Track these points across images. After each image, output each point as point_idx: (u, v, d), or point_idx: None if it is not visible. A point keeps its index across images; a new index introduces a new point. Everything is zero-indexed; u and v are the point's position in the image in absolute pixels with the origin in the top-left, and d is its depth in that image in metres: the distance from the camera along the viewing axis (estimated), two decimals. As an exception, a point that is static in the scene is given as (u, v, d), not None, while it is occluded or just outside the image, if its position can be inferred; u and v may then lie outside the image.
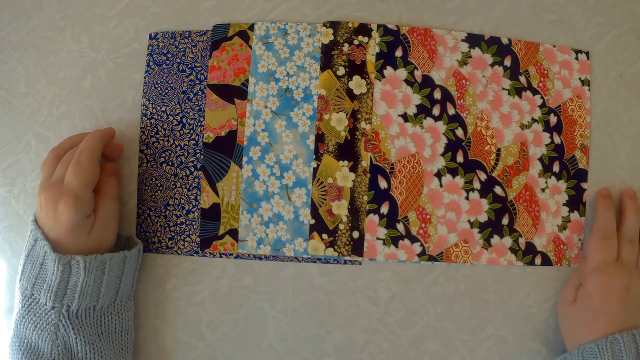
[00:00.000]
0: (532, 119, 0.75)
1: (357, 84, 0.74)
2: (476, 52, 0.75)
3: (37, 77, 0.78)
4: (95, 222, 0.67)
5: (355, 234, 0.72)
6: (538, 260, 0.74)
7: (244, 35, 0.75)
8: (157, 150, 0.75)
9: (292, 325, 0.73)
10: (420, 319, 0.73)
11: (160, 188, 0.75)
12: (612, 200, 0.73)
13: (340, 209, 0.72)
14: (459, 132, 0.74)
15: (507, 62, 0.75)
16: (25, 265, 0.66)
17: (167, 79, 0.76)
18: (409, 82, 0.74)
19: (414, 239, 0.73)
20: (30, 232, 0.66)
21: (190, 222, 0.74)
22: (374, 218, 0.72)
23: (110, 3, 0.78)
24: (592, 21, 0.77)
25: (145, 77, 0.76)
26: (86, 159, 0.66)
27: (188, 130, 0.75)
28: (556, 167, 0.75)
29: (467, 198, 0.73)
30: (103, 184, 0.70)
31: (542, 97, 0.75)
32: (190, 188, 0.74)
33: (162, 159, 0.75)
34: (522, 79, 0.75)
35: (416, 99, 0.74)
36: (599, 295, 0.67)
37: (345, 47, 0.74)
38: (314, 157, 0.73)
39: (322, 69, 0.74)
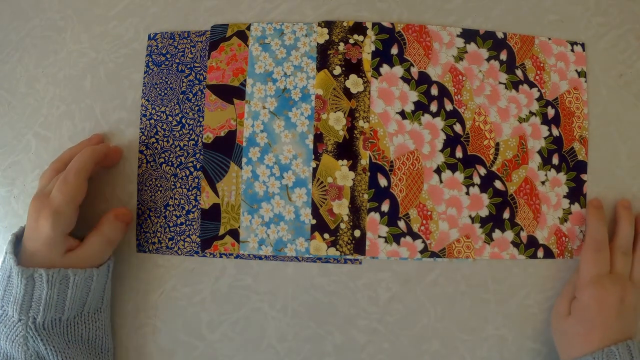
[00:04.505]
0: (530, 112, 0.75)
1: (353, 83, 0.74)
2: (472, 47, 0.75)
3: (37, 77, 0.78)
4: (75, 252, 0.67)
5: (357, 233, 0.72)
6: (540, 253, 0.74)
7: (242, 35, 0.75)
8: (156, 151, 0.75)
9: (292, 325, 0.73)
10: (420, 319, 0.73)
11: (160, 188, 0.75)
12: (604, 212, 0.73)
13: (341, 208, 0.72)
14: (457, 127, 0.74)
15: (503, 56, 0.75)
16: None
17: (167, 80, 0.76)
18: (406, 79, 0.74)
19: (415, 236, 0.72)
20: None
21: (190, 223, 0.74)
22: (375, 216, 0.72)
23: (110, 3, 0.78)
24: (592, 21, 0.77)
25: (144, 78, 0.76)
26: (73, 176, 0.66)
27: (187, 131, 0.75)
28: (555, 160, 0.75)
29: (467, 193, 0.73)
30: (106, 224, 0.70)
31: (539, 90, 0.75)
32: (190, 188, 0.74)
33: (162, 160, 0.75)
34: (519, 72, 0.75)
35: (413, 95, 0.74)
36: (594, 308, 0.67)
37: (341, 46, 0.75)
38: (313, 157, 0.73)
39: (319, 69, 0.74)
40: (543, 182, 0.74)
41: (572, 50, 0.76)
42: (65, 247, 0.66)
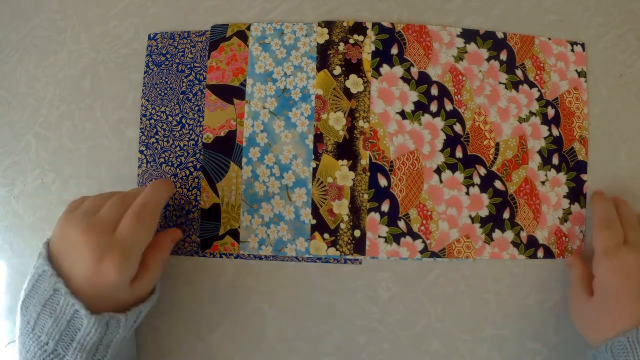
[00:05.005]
0: (530, 112, 0.75)
1: (353, 83, 0.74)
2: (472, 47, 0.75)
3: (37, 77, 0.78)
4: (140, 281, 0.61)
5: (357, 233, 0.72)
6: (540, 253, 0.74)
7: (242, 35, 0.75)
8: (156, 151, 0.75)
9: (292, 325, 0.73)
10: (420, 319, 0.73)
11: (160, 188, 0.75)
12: (607, 195, 0.72)
13: (341, 208, 0.72)
14: (457, 127, 0.74)
15: (503, 56, 0.75)
16: (42, 316, 0.56)
17: (167, 80, 0.76)
18: (406, 79, 0.74)
19: (415, 236, 0.72)
20: (43, 276, 0.57)
21: (190, 223, 0.74)
22: (375, 216, 0.72)
23: (110, 3, 0.78)
24: (592, 21, 0.77)
25: (144, 78, 0.76)
26: (149, 214, 0.60)
27: (187, 131, 0.75)
28: (555, 160, 0.75)
29: (467, 193, 0.73)
30: (165, 248, 0.67)
31: (539, 90, 0.75)
32: (190, 188, 0.74)
33: (162, 160, 0.75)
34: (519, 72, 0.75)
35: (413, 95, 0.74)
36: (615, 281, 0.62)
37: (341, 47, 0.75)
38: (313, 157, 0.73)
39: (319, 69, 0.74)
40: (543, 182, 0.74)
41: (572, 50, 0.76)
42: (128, 286, 0.59)
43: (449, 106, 0.74)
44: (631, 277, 0.62)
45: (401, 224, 0.72)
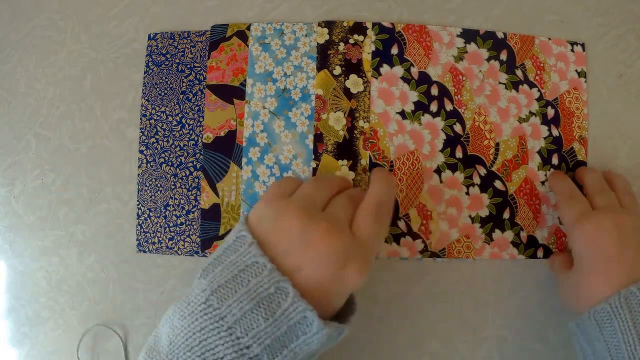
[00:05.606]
0: (530, 112, 0.75)
1: (353, 83, 0.74)
2: (472, 47, 0.75)
3: (37, 77, 0.78)
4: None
5: (357, 233, 0.72)
6: (540, 253, 0.73)
7: (242, 35, 0.75)
8: (156, 151, 0.75)
9: (292, 325, 0.73)
10: (420, 319, 0.73)
11: (160, 188, 0.75)
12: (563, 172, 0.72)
13: (341, 208, 0.72)
14: (457, 127, 0.74)
15: (503, 56, 0.75)
16: (250, 316, 0.48)
17: (167, 80, 0.76)
18: (406, 79, 0.74)
19: (415, 236, 0.72)
20: (254, 267, 0.50)
21: (190, 223, 0.74)
22: (375, 216, 0.72)
23: (110, 3, 0.78)
24: (592, 21, 0.77)
25: (144, 78, 0.76)
26: (387, 214, 0.57)
27: (187, 131, 0.75)
28: (555, 160, 0.75)
29: (467, 193, 0.73)
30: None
31: (539, 90, 0.75)
32: (190, 188, 0.74)
33: (162, 160, 0.75)
34: (519, 72, 0.75)
35: (413, 95, 0.74)
36: (590, 248, 0.60)
37: (341, 47, 0.74)
38: (313, 157, 0.73)
39: (319, 69, 0.74)
40: (543, 182, 0.74)
41: (572, 50, 0.76)
42: None
43: (449, 106, 0.74)
44: (605, 240, 0.59)
45: (401, 224, 0.72)
